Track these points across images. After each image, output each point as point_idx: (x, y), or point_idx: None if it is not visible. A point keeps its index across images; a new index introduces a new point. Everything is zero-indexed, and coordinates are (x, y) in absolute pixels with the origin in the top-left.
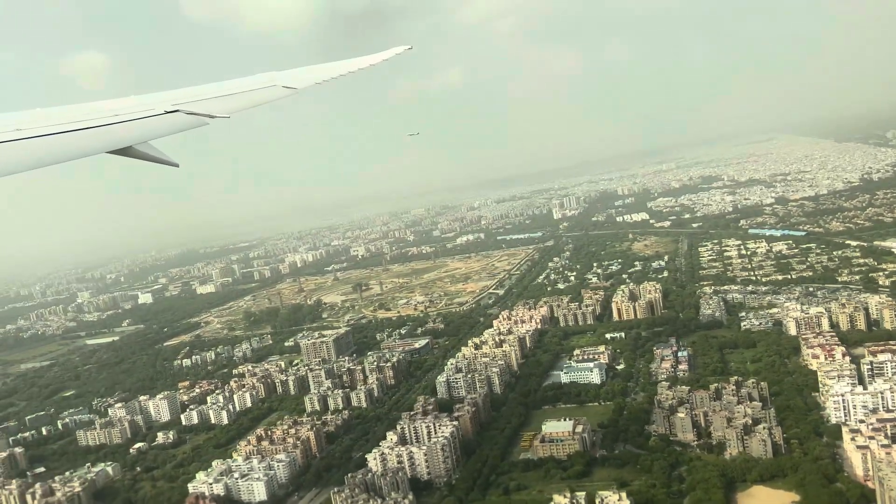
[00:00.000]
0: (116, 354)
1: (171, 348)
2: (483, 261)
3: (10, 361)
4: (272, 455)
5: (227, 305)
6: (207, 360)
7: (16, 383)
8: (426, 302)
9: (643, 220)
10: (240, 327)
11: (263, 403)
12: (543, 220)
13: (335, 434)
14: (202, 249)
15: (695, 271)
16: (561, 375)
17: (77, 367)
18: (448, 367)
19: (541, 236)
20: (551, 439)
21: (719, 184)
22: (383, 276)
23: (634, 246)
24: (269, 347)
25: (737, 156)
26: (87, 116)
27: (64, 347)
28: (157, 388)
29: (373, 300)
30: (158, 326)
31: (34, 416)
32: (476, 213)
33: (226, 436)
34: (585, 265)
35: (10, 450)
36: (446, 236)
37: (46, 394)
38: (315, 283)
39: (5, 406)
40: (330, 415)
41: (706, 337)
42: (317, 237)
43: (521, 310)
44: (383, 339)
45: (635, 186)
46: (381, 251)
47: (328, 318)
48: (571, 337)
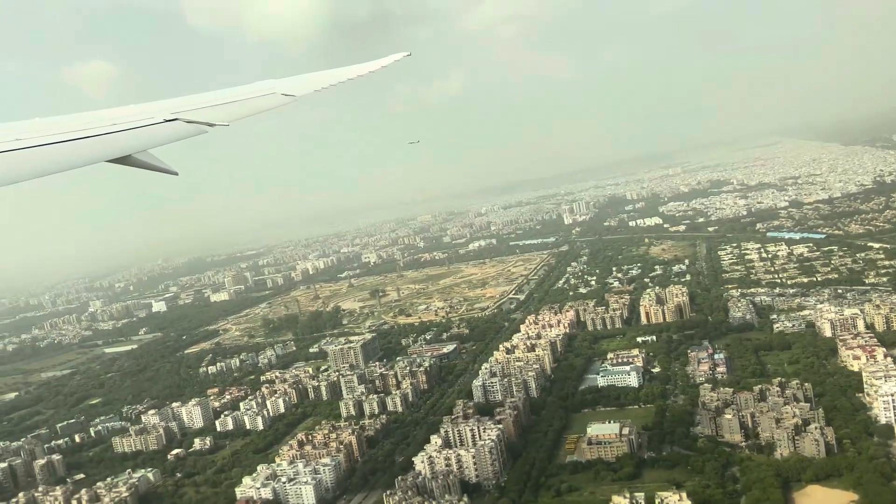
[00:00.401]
0: (138, 362)
1: (193, 356)
2: (498, 266)
3: (30, 370)
4: (316, 459)
5: (244, 313)
6: (232, 367)
7: (39, 392)
8: (446, 307)
9: (656, 224)
10: (259, 334)
11: (297, 409)
12: (554, 225)
13: (375, 438)
14: (209, 258)
15: (717, 275)
16: (597, 379)
17: (99, 376)
18: (483, 372)
19: (554, 241)
20: (598, 441)
21: (729, 188)
22: (398, 282)
23: (651, 250)
24: (294, 354)
25: (743, 160)
26: (86, 125)
27: (82, 356)
28: (185, 395)
29: (392, 306)
30: (176, 334)
31: (65, 424)
32: (485, 219)
33: (263, 441)
34: (604, 270)
35: (47, 457)
36: (457, 242)
37: (73, 402)
38: (330, 290)
39: (32, 414)
40: (368, 419)
41: (739, 339)
42: (325, 244)
43: (546, 314)
44: (409, 344)
45: (643, 191)
46: (392, 258)
47: (348, 325)
48: (601, 341)
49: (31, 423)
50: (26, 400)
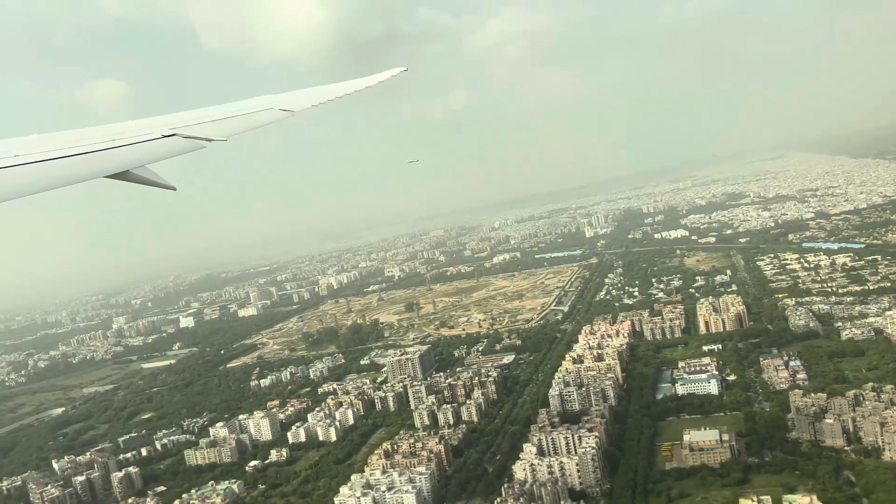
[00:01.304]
0: (181, 377)
1: (237, 370)
2: (529, 279)
3: (69, 386)
4: (410, 468)
5: (276, 327)
6: (283, 380)
7: (86, 407)
8: (488, 319)
9: (682, 236)
10: (300, 348)
11: (365, 420)
12: (575, 238)
13: (459, 447)
14: (222, 274)
15: (764, 285)
16: (675, 387)
17: (144, 390)
18: (556, 381)
19: (581, 254)
20: (700, 448)
21: (746, 200)
22: (429, 295)
23: (686, 261)
24: (345, 366)
25: (753, 173)
26: (84, 141)
27: (119, 371)
28: (243, 408)
29: (430, 319)
30: (213, 349)
31: (127, 438)
32: (501, 233)
33: (341, 452)
34: (644, 281)
35: (124, 470)
36: (480, 256)
37: (125, 416)
38: (360, 304)
39: (86, 429)
40: (447, 429)
41: (810, 347)
42: (340, 260)
43: (601, 325)
44: (461, 355)
45: (659, 205)
46: (416, 272)
47: (391, 337)
48: (662, 350)
49: (88, 437)
50: (76, 415)
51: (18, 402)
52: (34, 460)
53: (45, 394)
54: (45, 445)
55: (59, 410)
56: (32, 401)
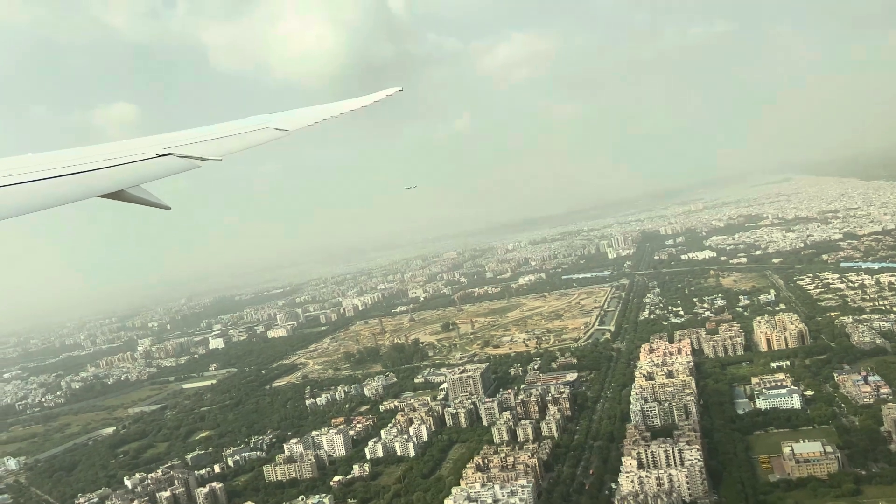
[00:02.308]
0: (228, 396)
1: (286, 388)
2: (562, 299)
3: (111, 406)
4: (507, 481)
5: (311, 348)
6: (337, 399)
7: (138, 427)
8: (532, 339)
9: (710, 257)
10: (344, 367)
11: (439, 435)
12: (597, 259)
13: (548, 462)
14: (236, 297)
15: (813, 304)
16: (757, 402)
17: (194, 410)
18: (634, 398)
19: (610, 275)
20: (805, 459)
21: (766, 222)
22: (462, 315)
23: (722, 282)
24: (399, 384)
25: (763, 195)
26: (78, 160)
27: (159, 392)
28: (306, 425)
29: (471, 338)
30: (252, 369)
31: (195, 455)
32: (519, 255)
33: (426, 466)
34: (685, 301)
35: (208, 486)
36: (502, 277)
37: (182, 435)
38: (392, 325)
39: (144, 448)
40: (531, 444)
41: (884, 363)
42: (357, 282)
43: (659, 343)
44: (517, 374)
45: (676, 227)
46: (439, 293)
47: (435, 357)
48: (727, 367)
49: (149, 456)
50: (129, 434)
51: (63, 423)
52: (102, 478)
53: (87, 414)
54: (108, 464)
55: (109, 430)
56: (76, 421)
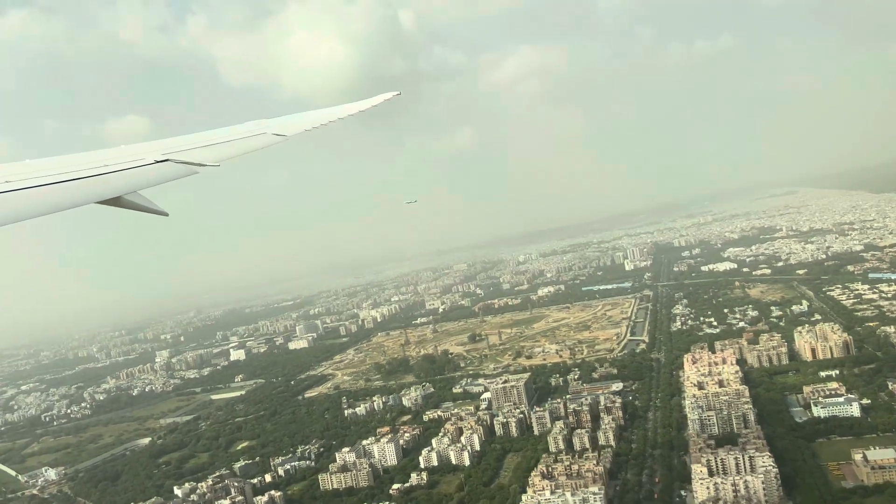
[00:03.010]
0: (261, 407)
1: (319, 399)
2: (587, 311)
3: (141, 417)
4: (576, 489)
5: (336, 359)
6: (375, 409)
7: (175, 437)
8: (564, 349)
9: (731, 269)
10: (375, 378)
11: (492, 444)
12: (614, 271)
13: (612, 470)
14: (246, 309)
15: (849, 314)
16: (816, 410)
17: (229, 420)
18: (689, 406)
19: (631, 286)
20: (881, 466)
21: (780, 234)
22: (485, 327)
23: (749, 292)
24: (438, 394)
25: (772, 208)
26: (76, 167)
27: (187, 403)
28: (350, 434)
29: (500, 349)
30: (280, 380)
31: (242, 465)
32: (533, 267)
33: (485, 475)
34: (716, 312)
35: (267, 494)
36: (520, 289)
37: (222, 445)
38: (415, 336)
39: (186, 458)
40: (591, 452)
41: None
42: (369, 294)
43: (701, 353)
44: (558, 384)
45: (690, 238)
46: (457, 305)
47: (467, 367)
48: (774, 376)
49: (192, 465)
50: (167, 445)
51: (94, 434)
52: (150, 487)
53: (117, 425)
54: (152, 473)
55: (145, 441)
56: (107, 432)
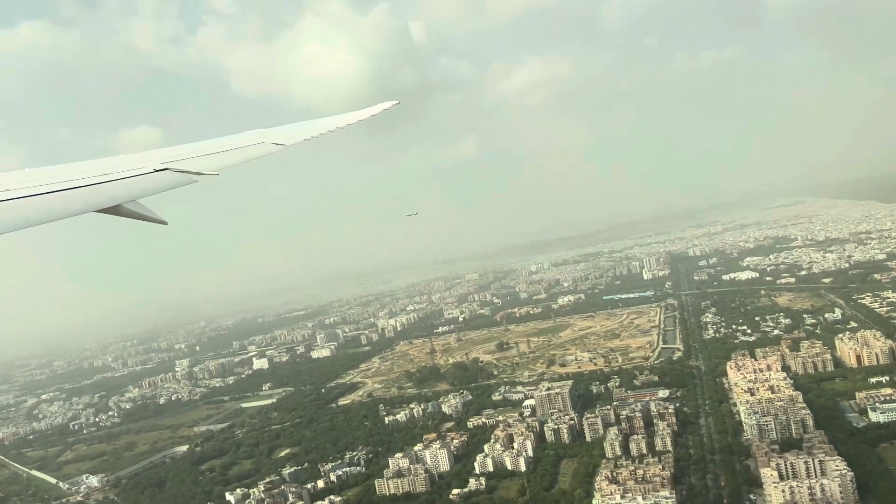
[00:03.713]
0: (296, 414)
1: (355, 406)
2: (612, 319)
3: (173, 425)
4: (647, 493)
5: (362, 367)
6: (415, 416)
7: (213, 445)
8: (598, 357)
9: (753, 277)
10: (407, 385)
11: (545, 450)
12: (632, 280)
13: (675, 475)
14: (258, 319)
15: (885, 321)
16: (874, 415)
17: (265, 428)
18: (744, 412)
19: (654, 295)
20: None
21: (796, 243)
22: (510, 335)
23: (777, 301)
24: (478, 401)
25: (782, 217)
26: (75, 176)
27: (217, 411)
28: (395, 440)
29: (531, 357)
30: (310, 388)
31: (292, 471)
32: (548, 276)
33: (545, 480)
34: (747, 320)
35: (327, 499)
36: (538, 298)
37: (264, 452)
38: (440, 345)
39: (229, 464)
40: (650, 458)
41: None
42: (383, 303)
43: (743, 360)
44: (599, 391)
45: (705, 248)
46: (476, 314)
47: (500, 375)
48: (821, 383)
49: (236, 472)
50: (207, 452)
51: (127, 442)
52: (200, 494)
53: (149, 433)
54: (197, 480)
55: (182, 448)
56: (140, 440)
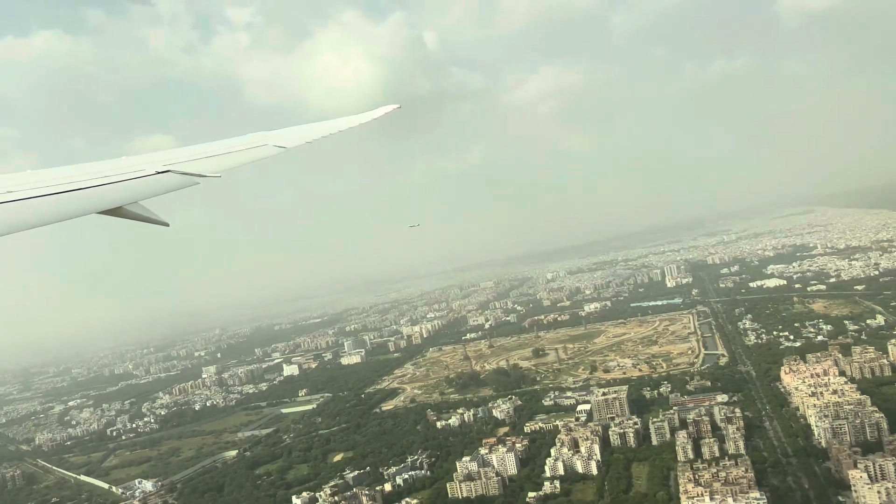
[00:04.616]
0: (341, 419)
1: (399, 412)
2: (644, 326)
3: (215, 431)
4: (735, 494)
5: (397, 374)
6: (465, 421)
7: (263, 450)
8: (640, 363)
9: (781, 285)
10: (448, 391)
11: (612, 454)
12: (654, 287)
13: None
14: (275, 326)
15: None
16: None
17: (312, 433)
18: (814, 416)
19: (683, 302)
20: None
21: (817, 251)
22: (543, 342)
23: (813, 308)
24: (529, 407)
25: (794, 226)
26: (78, 178)
27: (257, 416)
28: (451, 445)
29: (571, 364)
30: (348, 394)
31: (355, 475)
32: (567, 284)
33: (621, 484)
34: (786, 326)
35: (404, 501)
36: (562, 306)
37: (318, 456)
38: (472, 351)
39: (283, 469)
40: (727, 461)
41: None
42: (401, 311)
43: (797, 365)
44: (652, 396)
45: (724, 256)
46: (501, 321)
47: (543, 381)
48: (881, 387)
49: (293, 477)
50: (259, 457)
51: (171, 447)
52: (263, 497)
53: (191, 439)
54: (257, 484)
55: (231, 453)
56: (183, 445)
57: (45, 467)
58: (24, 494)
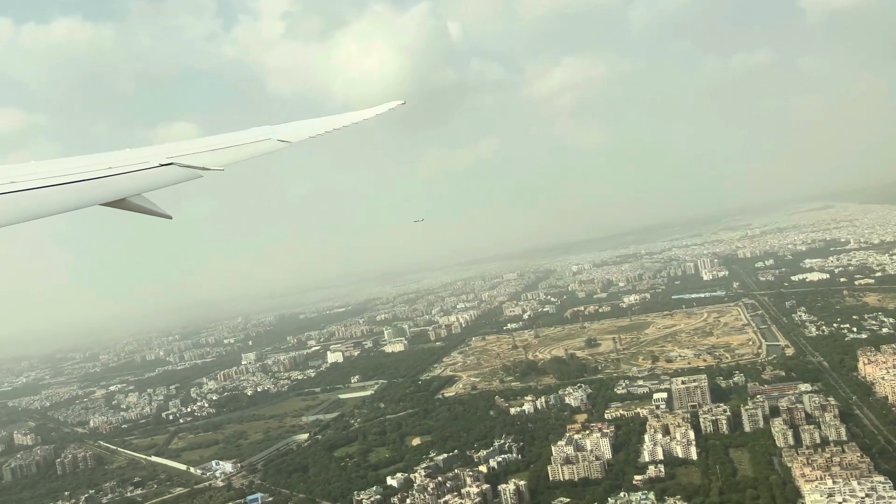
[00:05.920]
0: (405, 405)
1: (465, 398)
2: (692, 318)
3: (276, 415)
4: (856, 479)
5: (446, 361)
6: (538, 408)
7: (335, 434)
8: (703, 354)
9: (824, 278)
10: (508, 379)
11: (707, 441)
12: (691, 280)
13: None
14: (300, 315)
15: None
16: None
17: (379, 418)
18: None
19: (726, 295)
20: None
21: (851, 246)
22: (590, 332)
23: (867, 301)
24: (600, 395)
25: (818, 221)
26: (81, 169)
27: (314, 402)
28: (535, 430)
29: (628, 354)
30: (403, 381)
31: (444, 458)
32: (596, 276)
33: (726, 469)
34: (845, 319)
35: (512, 482)
36: (598, 297)
37: (395, 440)
38: (519, 341)
39: (363, 451)
40: (832, 446)
41: None
42: (429, 301)
43: (874, 356)
44: (727, 386)
45: (755, 250)
46: (538, 312)
47: (604, 371)
48: None
49: (377, 460)
50: (333, 440)
51: (235, 431)
52: (355, 478)
53: (251, 423)
54: (341, 466)
55: (302, 436)
56: (248, 429)
57: (110, 448)
58: (99, 474)
